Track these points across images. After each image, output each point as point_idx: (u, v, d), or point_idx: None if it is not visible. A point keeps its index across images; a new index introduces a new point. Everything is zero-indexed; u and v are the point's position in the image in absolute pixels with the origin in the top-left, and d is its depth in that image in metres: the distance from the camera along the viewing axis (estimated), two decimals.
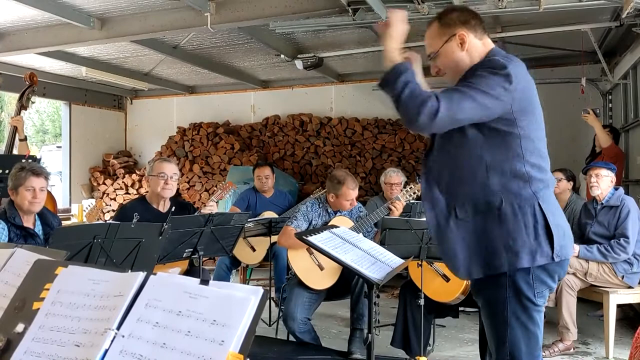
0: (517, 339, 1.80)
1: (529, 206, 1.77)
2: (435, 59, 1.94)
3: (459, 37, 1.87)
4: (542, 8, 4.10)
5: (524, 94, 1.79)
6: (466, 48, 1.88)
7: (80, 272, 1.23)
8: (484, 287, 1.88)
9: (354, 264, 2.33)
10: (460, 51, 1.88)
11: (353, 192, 3.64)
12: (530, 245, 1.75)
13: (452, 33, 1.88)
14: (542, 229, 1.76)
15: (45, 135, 21.86)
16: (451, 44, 1.89)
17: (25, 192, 3.09)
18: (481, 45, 1.90)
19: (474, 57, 1.88)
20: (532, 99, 1.84)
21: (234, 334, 1.02)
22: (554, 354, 3.81)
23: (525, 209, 1.76)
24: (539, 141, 1.85)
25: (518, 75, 1.77)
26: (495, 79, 1.74)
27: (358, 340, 3.41)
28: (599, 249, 3.84)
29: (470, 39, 1.88)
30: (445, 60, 1.92)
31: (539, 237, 1.76)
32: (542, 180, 1.82)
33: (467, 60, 1.88)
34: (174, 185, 3.57)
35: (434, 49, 1.93)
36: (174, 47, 5.88)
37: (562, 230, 1.81)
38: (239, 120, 8.05)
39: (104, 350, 1.06)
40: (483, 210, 1.79)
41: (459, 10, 1.94)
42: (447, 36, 1.89)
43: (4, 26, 5.16)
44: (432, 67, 1.97)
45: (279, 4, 4.43)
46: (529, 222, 1.76)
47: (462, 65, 1.89)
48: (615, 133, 5.19)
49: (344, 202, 3.65)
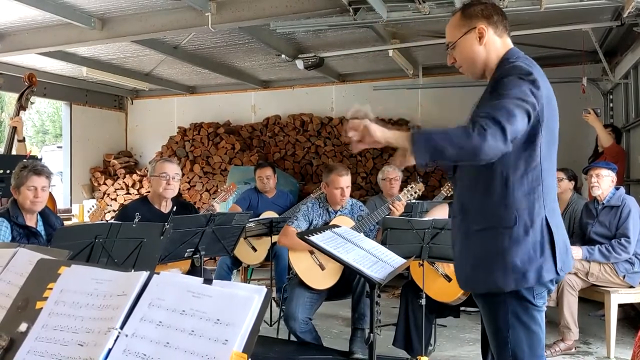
0: (519, 339, 1.80)
1: (539, 222, 1.76)
2: (453, 50, 1.93)
3: (478, 30, 1.86)
4: (543, 7, 4.10)
5: (547, 101, 1.77)
6: (484, 43, 1.87)
7: (83, 271, 1.22)
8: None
9: (356, 263, 2.32)
10: (478, 45, 1.87)
11: (342, 180, 3.61)
12: (537, 262, 1.75)
13: (472, 26, 1.87)
14: (548, 244, 1.76)
15: (46, 136, 21.85)
16: (470, 36, 1.88)
17: (27, 192, 3.10)
18: (500, 43, 1.89)
19: (491, 54, 1.87)
20: (552, 108, 1.82)
21: (238, 333, 1.01)
22: (555, 353, 3.80)
23: (536, 225, 1.76)
24: (554, 143, 1.84)
25: (541, 82, 1.75)
26: (526, 85, 1.71)
27: (359, 340, 3.41)
28: (600, 249, 3.84)
29: (489, 34, 1.87)
30: (462, 52, 1.91)
31: (544, 253, 1.76)
32: (551, 186, 1.82)
33: (484, 56, 1.88)
34: (176, 186, 3.57)
35: (452, 39, 1.92)
36: (174, 47, 5.88)
37: (564, 245, 1.81)
38: (240, 121, 8.04)
39: (107, 349, 1.06)
40: (496, 225, 1.79)
41: (484, 4, 1.93)
42: (467, 28, 1.88)
43: (4, 26, 5.16)
44: (448, 57, 1.96)
45: (279, 4, 4.43)
46: (537, 239, 1.76)
47: (478, 59, 1.88)
48: (617, 132, 5.19)
49: (334, 190, 3.62)
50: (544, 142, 1.77)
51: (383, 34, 5.32)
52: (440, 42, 5.37)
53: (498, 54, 1.87)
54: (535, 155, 1.76)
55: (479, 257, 1.82)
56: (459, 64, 1.94)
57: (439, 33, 5.22)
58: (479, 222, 1.82)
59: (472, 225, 1.84)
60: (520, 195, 1.76)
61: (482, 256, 1.81)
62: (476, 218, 1.83)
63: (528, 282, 1.75)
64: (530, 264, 1.74)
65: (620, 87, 5.90)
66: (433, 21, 4.66)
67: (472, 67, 1.91)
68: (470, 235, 1.85)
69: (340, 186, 3.62)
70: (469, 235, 1.86)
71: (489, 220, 1.80)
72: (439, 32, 5.20)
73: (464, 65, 1.94)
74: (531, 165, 1.76)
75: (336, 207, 3.71)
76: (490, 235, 1.80)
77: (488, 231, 1.80)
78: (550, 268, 1.76)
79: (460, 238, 1.90)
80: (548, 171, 1.81)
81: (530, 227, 1.75)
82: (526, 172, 1.76)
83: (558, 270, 1.76)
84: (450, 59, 1.96)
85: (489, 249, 1.79)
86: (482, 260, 1.81)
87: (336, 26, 4.83)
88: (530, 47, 5.62)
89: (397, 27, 5.14)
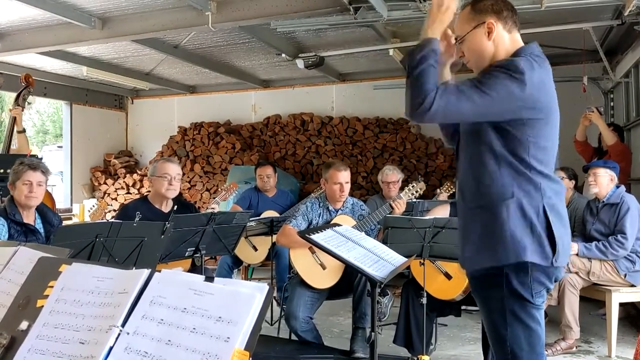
0: (518, 337, 1.80)
1: (534, 207, 1.77)
2: (462, 44, 1.93)
3: (487, 25, 1.86)
4: (543, 6, 4.09)
5: (539, 102, 1.77)
6: (493, 38, 1.86)
7: (84, 269, 1.22)
8: (481, 286, 1.88)
9: (357, 262, 2.32)
10: (487, 40, 1.86)
11: (340, 175, 3.61)
12: (532, 244, 1.76)
13: (482, 20, 1.86)
14: (544, 233, 1.76)
15: (46, 136, 21.85)
16: (479, 31, 1.87)
17: (22, 186, 3.11)
18: (509, 39, 1.88)
19: (499, 49, 1.87)
20: (548, 108, 1.82)
21: (240, 331, 1.01)
22: (556, 352, 3.80)
23: (532, 210, 1.77)
24: (551, 150, 1.85)
25: (536, 82, 1.75)
26: (505, 82, 1.72)
27: (360, 339, 3.40)
28: (597, 246, 3.87)
29: (498, 29, 1.86)
30: (470, 46, 1.90)
31: (541, 241, 1.76)
32: (552, 189, 1.82)
33: (492, 51, 1.87)
34: (177, 186, 3.57)
35: (461, 33, 1.91)
36: (175, 47, 5.88)
37: (562, 242, 1.81)
38: (240, 120, 8.04)
39: (108, 347, 1.06)
40: (492, 200, 1.80)
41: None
42: (476, 22, 1.87)
43: (4, 26, 5.15)
44: (457, 50, 1.96)
45: (280, 3, 4.43)
46: (535, 223, 1.76)
47: (486, 54, 1.88)
48: (619, 131, 5.17)
49: (333, 186, 3.62)
50: (535, 142, 1.78)
51: (383, 33, 5.32)
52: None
53: (506, 50, 1.86)
54: (523, 149, 1.78)
55: (478, 233, 1.84)
56: (467, 58, 1.94)
57: None
58: (476, 199, 1.85)
59: (469, 203, 1.87)
60: (515, 172, 1.79)
61: (479, 232, 1.83)
62: (474, 197, 1.86)
63: (527, 256, 1.75)
64: (527, 241, 1.75)
65: (620, 86, 5.89)
66: None
67: (479, 62, 1.90)
68: (469, 214, 1.88)
69: (339, 181, 3.62)
70: (467, 215, 1.89)
71: (486, 197, 1.82)
72: None
73: (471, 60, 1.93)
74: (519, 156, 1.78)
75: (336, 205, 3.71)
76: (486, 210, 1.82)
77: (485, 207, 1.82)
78: (546, 256, 1.76)
79: (462, 219, 1.93)
80: (547, 175, 1.81)
81: (525, 208, 1.77)
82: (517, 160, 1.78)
83: (553, 261, 1.76)
84: (458, 52, 1.95)
85: (485, 223, 1.82)
86: (482, 236, 1.82)
87: (337, 25, 4.83)
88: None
89: (397, 26, 5.14)
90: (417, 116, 1.74)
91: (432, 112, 1.70)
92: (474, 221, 1.86)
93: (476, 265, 1.88)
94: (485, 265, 1.83)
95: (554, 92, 1.86)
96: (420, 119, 1.74)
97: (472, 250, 1.87)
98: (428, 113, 1.70)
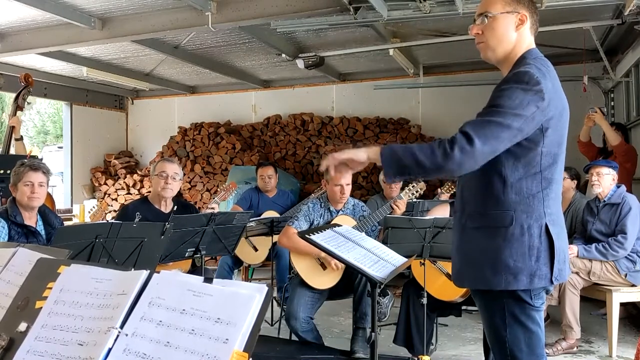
0: (517, 339, 1.79)
1: (537, 227, 1.74)
2: (484, 22, 1.83)
3: (521, 16, 1.82)
4: (544, 6, 4.09)
5: (556, 109, 1.75)
6: (519, 31, 1.82)
7: (83, 270, 1.22)
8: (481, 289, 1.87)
9: (357, 262, 2.31)
10: (513, 31, 1.82)
11: (341, 177, 3.59)
12: (530, 267, 1.73)
13: (517, 10, 1.82)
14: (545, 252, 1.74)
15: (47, 136, 21.85)
16: (510, 17, 1.81)
17: (23, 187, 3.10)
18: (529, 39, 1.85)
19: (519, 44, 1.83)
20: (561, 108, 1.79)
21: (239, 332, 1.01)
22: (557, 352, 3.80)
23: (533, 230, 1.74)
24: (560, 155, 1.82)
25: (550, 88, 1.73)
26: (527, 97, 1.68)
27: (361, 339, 3.40)
28: (597, 247, 3.85)
29: (527, 25, 1.83)
30: (496, 27, 1.82)
31: (540, 260, 1.74)
32: (555, 198, 1.80)
33: (512, 44, 1.83)
34: (174, 186, 3.56)
35: (491, 11, 1.82)
36: (175, 47, 5.88)
37: (563, 254, 1.79)
38: (240, 120, 8.04)
39: (107, 349, 1.05)
40: (491, 224, 1.78)
41: None
42: (511, 9, 1.81)
43: (4, 26, 5.15)
44: (473, 27, 1.87)
45: (280, 3, 4.43)
46: (534, 244, 1.74)
47: (505, 43, 1.83)
48: (623, 130, 5.12)
49: (334, 187, 3.62)
50: (547, 152, 1.75)
51: (384, 33, 5.32)
52: (441, 41, 5.37)
53: (523, 48, 1.83)
54: (535, 162, 1.74)
55: (470, 253, 1.82)
56: (483, 38, 1.85)
57: (439, 32, 5.22)
58: (476, 220, 1.82)
59: (469, 222, 1.84)
60: (519, 197, 1.75)
61: (474, 253, 1.81)
62: (473, 216, 1.83)
63: (518, 285, 1.73)
64: (523, 266, 1.73)
65: (621, 85, 5.89)
66: (434, 20, 4.65)
67: (495, 48, 1.84)
68: (466, 232, 1.85)
69: (340, 183, 3.62)
70: (464, 232, 1.86)
71: (486, 219, 1.79)
72: (439, 30, 5.19)
73: (488, 42, 1.84)
74: (530, 171, 1.75)
75: (337, 206, 3.70)
76: (484, 233, 1.79)
77: (483, 230, 1.80)
78: (544, 276, 1.74)
79: (457, 233, 1.90)
80: (552, 180, 1.79)
81: (526, 230, 1.74)
82: (525, 176, 1.75)
83: (552, 279, 1.74)
84: (474, 29, 1.87)
85: (482, 247, 1.79)
86: (473, 257, 1.80)
87: (337, 25, 4.83)
88: None
89: (397, 26, 5.13)
90: (458, 163, 1.65)
91: (477, 151, 1.63)
92: (470, 242, 1.83)
93: (468, 285, 1.88)
94: (478, 287, 1.82)
95: (562, 91, 1.83)
96: (466, 163, 1.65)
97: (461, 266, 1.86)
98: (474, 155, 1.64)
